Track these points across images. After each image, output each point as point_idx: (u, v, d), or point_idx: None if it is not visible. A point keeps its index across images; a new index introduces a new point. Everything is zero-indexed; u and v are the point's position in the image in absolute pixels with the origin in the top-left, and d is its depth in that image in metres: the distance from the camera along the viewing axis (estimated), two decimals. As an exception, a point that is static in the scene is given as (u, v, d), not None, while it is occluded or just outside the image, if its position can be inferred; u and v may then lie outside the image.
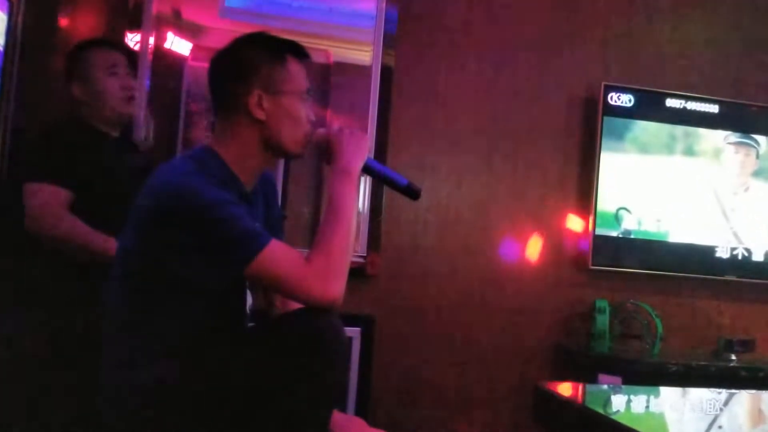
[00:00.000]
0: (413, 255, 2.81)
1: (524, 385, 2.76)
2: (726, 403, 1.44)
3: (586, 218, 2.89)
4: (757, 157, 3.00)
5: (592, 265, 2.85)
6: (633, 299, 2.84)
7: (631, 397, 1.49)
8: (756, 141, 3.00)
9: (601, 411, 1.16)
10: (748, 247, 2.95)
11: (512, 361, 2.84)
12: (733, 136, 2.98)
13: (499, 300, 2.85)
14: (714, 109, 2.95)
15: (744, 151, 2.99)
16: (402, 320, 2.77)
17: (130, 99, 2.01)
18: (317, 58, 3.18)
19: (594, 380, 2.57)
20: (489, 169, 2.90)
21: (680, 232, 2.91)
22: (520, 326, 2.86)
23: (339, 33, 3.08)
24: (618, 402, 1.38)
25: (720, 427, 1.19)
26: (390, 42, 2.81)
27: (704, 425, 1.18)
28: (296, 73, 1.48)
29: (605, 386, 2.21)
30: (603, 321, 2.72)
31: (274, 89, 1.43)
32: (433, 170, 2.86)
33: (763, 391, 1.53)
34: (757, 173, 3.00)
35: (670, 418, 1.26)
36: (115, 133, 2.03)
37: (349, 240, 1.36)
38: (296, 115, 1.46)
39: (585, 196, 2.91)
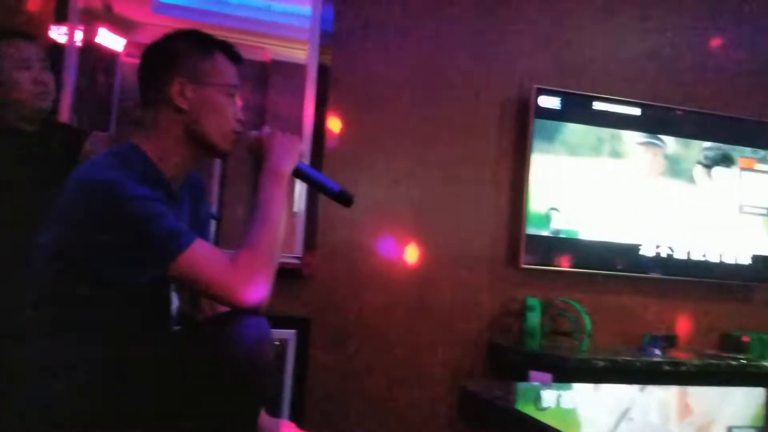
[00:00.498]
0: (350, 255, 2.81)
1: (458, 383, 2.81)
2: (646, 398, 1.49)
3: (518, 218, 2.95)
4: (665, 157, 3.11)
5: (524, 263, 2.91)
6: (563, 297, 2.92)
7: (554, 393, 1.53)
8: (662, 141, 3.09)
9: (523, 409, 1.18)
10: (671, 245, 3.07)
11: (447, 360, 2.88)
12: (641, 137, 3.07)
13: (435, 299, 2.89)
14: (637, 112, 3.06)
15: (652, 151, 3.10)
16: (338, 321, 2.77)
17: (44, 94, 1.94)
18: (255, 56, 3.16)
19: (525, 377, 2.63)
20: (425, 169, 2.92)
21: (607, 231, 3.00)
22: (454, 325, 2.90)
23: (277, 31, 3.07)
24: (540, 399, 1.41)
25: (631, 419, 1.24)
26: (327, 41, 2.81)
27: (618, 419, 1.22)
28: (224, 69, 1.48)
29: (531, 384, 2.26)
30: (534, 319, 2.78)
31: (198, 80, 1.43)
32: (370, 170, 2.87)
33: (683, 386, 1.60)
34: (666, 173, 3.10)
35: (588, 413, 1.30)
36: (31, 128, 1.95)
37: (275, 241, 1.35)
38: (220, 108, 1.45)
39: (517, 196, 2.97)
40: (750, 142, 3.20)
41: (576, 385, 1.83)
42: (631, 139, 3.06)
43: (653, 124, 3.09)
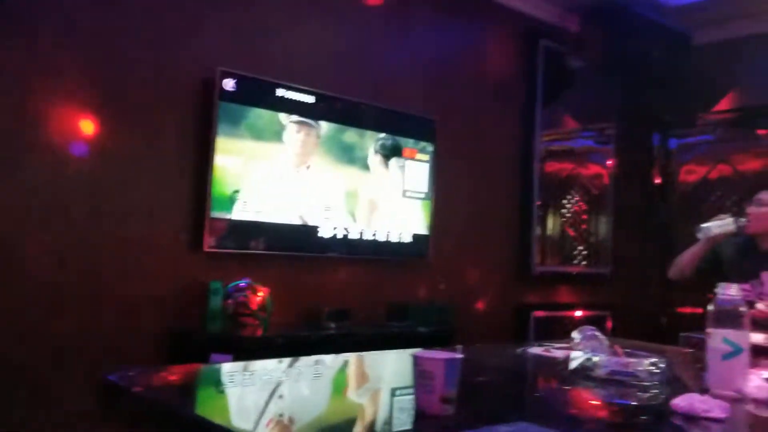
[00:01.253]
0: (12, 243, 2.49)
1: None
2: (319, 370, 1.57)
3: (202, 201, 2.91)
4: (318, 137, 3.27)
5: (209, 247, 2.89)
6: (248, 279, 2.97)
7: (214, 374, 1.53)
8: (317, 122, 3.25)
9: (170, 395, 1.16)
10: (347, 227, 3.33)
11: (128, 354, 2.72)
12: (294, 116, 3.17)
13: (111, 288, 2.71)
14: (317, 101, 3.22)
15: (305, 130, 3.20)
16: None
17: None
18: None
19: (206, 361, 2.62)
20: (102, 150, 2.72)
21: (288, 214, 3.13)
22: (135, 314, 2.76)
23: None
24: (193, 382, 1.40)
25: (281, 396, 1.30)
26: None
27: (268, 397, 1.27)
28: None
29: (184, 366, 2.22)
30: (216, 302, 2.79)
31: None
32: (32, 149, 2.56)
33: (360, 354, 1.73)
34: (317, 154, 3.25)
35: (239, 392, 1.33)
36: None
37: None
38: None
39: (201, 179, 2.92)
40: (413, 134, 3.61)
41: (233, 364, 1.87)
42: (306, 125, 3.19)
43: (333, 113, 3.29)
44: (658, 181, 4.69)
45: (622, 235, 4.62)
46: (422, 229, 3.63)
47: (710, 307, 1.32)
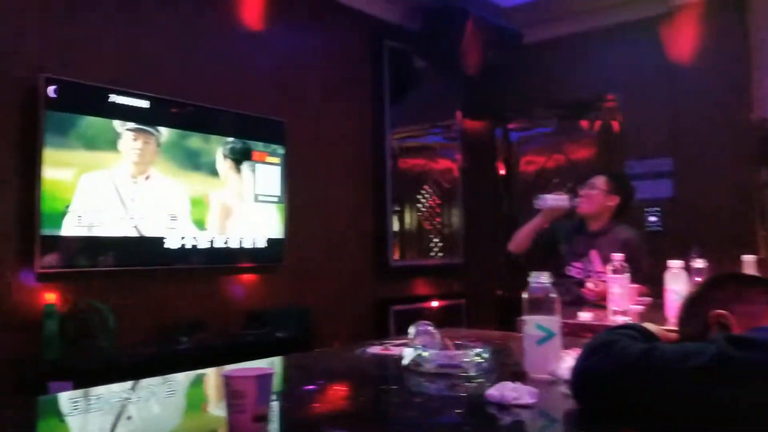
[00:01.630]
0: None
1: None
2: (172, 387, 1.50)
3: (31, 218, 2.70)
4: (158, 145, 3.13)
5: (41, 267, 2.69)
6: (89, 298, 2.79)
7: (47, 407, 1.43)
8: (156, 129, 3.10)
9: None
10: (195, 236, 3.22)
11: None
12: (131, 123, 3.01)
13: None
14: (147, 104, 3.05)
15: (144, 138, 3.05)
16: None
17: None
18: None
19: (46, 390, 2.44)
20: None
21: (128, 227, 2.97)
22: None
23: None
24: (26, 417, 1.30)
25: (129, 417, 1.24)
26: None
27: (114, 421, 1.21)
28: None
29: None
30: (52, 326, 2.60)
31: None
32: None
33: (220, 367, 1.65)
34: (157, 162, 3.10)
35: (79, 421, 1.26)
36: None
37: None
38: None
39: (28, 194, 2.71)
40: (262, 137, 3.56)
41: (72, 392, 1.75)
42: (140, 131, 3.03)
43: (173, 119, 3.16)
44: (502, 172, 4.96)
45: (472, 225, 4.84)
46: (277, 233, 3.59)
47: (524, 295, 1.40)
